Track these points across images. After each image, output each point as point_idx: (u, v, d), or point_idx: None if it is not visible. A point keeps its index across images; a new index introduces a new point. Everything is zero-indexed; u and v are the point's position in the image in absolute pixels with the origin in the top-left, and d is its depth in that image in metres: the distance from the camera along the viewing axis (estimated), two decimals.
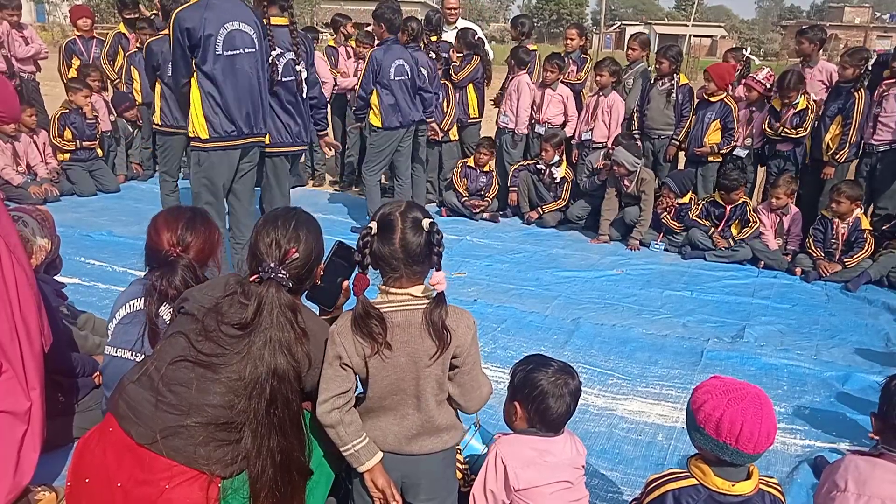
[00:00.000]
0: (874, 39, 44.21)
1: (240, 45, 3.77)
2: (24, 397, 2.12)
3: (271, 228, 1.91)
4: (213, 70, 3.71)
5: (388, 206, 1.84)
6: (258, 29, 3.87)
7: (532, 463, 1.97)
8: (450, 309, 1.84)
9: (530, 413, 2.03)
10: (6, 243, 2.11)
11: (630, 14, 72.95)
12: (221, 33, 3.68)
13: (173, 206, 2.42)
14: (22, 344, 2.11)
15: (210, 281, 2.04)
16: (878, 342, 4.09)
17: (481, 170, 6.54)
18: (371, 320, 1.77)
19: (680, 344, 3.94)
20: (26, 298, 2.14)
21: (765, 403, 1.73)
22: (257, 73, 3.89)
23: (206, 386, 1.78)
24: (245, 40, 3.79)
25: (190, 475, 1.75)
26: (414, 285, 1.83)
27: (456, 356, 1.85)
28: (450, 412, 1.94)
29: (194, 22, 3.62)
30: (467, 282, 4.83)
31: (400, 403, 1.86)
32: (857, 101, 5.22)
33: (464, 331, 1.84)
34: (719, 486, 1.76)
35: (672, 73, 6.02)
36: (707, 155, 5.87)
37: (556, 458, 2.00)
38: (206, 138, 3.81)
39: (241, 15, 3.78)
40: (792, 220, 5.46)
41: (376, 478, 1.86)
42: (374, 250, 1.79)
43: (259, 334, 1.81)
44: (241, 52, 3.77)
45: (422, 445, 1.89)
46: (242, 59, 3.79)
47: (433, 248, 1.79)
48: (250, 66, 3.84)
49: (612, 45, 34.61)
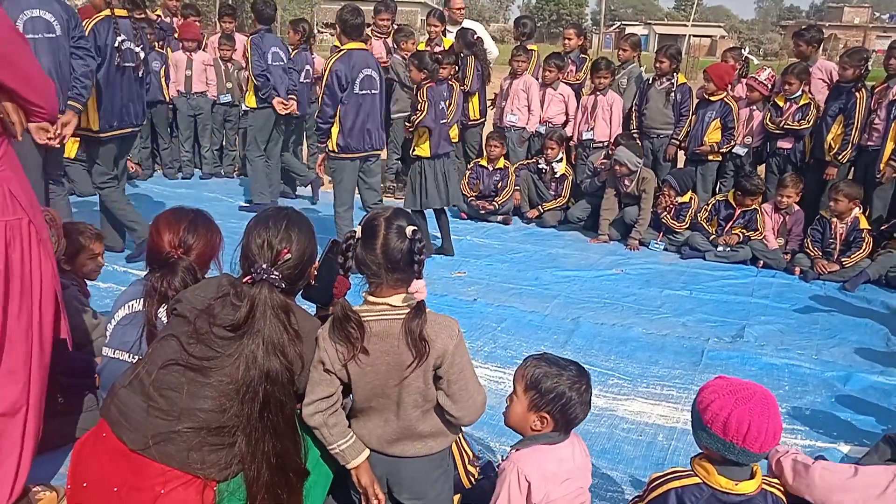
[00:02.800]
0: (873, 39, 44.18)
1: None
2: (24, 398, 2.11)
3: (262, 229, 1.89)
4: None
5: (374, 211, 1.84)
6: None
7: (555, 476, 1.91)
8: (432, 318, 1.81)
9: (558, 421, 1.94)
10: (39, 237, 2.12)
11: (629, 14, 72.94)
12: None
13: (176, 207, 2.40)
14: (34, 342, 2.11)
15: (202, 282, 2.02)
16: (878, 342, 4.08)
17: (494, 166, 6.35)
18: (349, 324, 1.76)
19: (680, 343, 3.94)
20: (48, 293, 2.14)
21: (771, 403, 1.73)
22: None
23: (197, 390, 1.77)
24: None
25: (185, 479, 1.74)
26: (394, 294, 1.81)
27: (438, 366, 1.81)
28: (435, 420, 1.91)
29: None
30: (467, 281, 4.82)
31: (384, 407, 1.86)
32: (858, 101, 5.21)
33: (444, 341, 1.79)
34: (723, 485, 1.75)
35: (672, 72, 6.02)
36: (707, 154, 5.86)
37: (572, 464, 1.97)
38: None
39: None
40: (795, 220, 5.45)
41: (361, 475, 1.89)
42: (357, 255, 1.79)
43: (252, 336, 1.79)
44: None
45: (403, 449, 1.89)
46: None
47: (415, 257, 1.77)
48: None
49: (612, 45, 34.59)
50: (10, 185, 2.03)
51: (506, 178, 6.38)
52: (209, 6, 23.07)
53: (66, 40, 3.95)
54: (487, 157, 6.43)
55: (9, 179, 2.03)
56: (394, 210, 1.84)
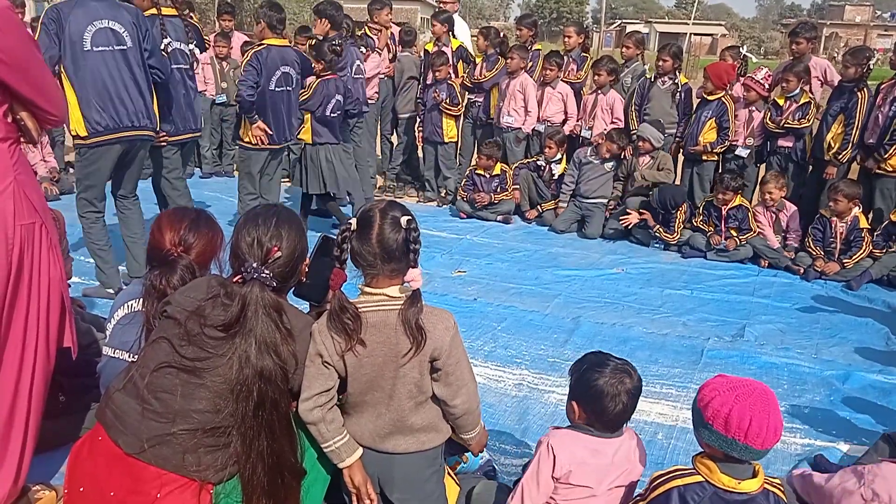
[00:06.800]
0: (875, 38, 44.18)
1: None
2: (25, 399, 2.12)
3: (252, 227, 1.88)
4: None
5: (369, 203, 1.85)
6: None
7: (584, 463, 1.96)
8: (428, 309, 1.83)
9: (587, 412, 2.00)
10: (50, 240, 2.13)
11: (630, 12, 72.82)
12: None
13: (179, 206, 2.41)
14: (39, 345, 2.12)
15: (191, 283, 2.00)
16: (878, 341, 4.08)
17: (490, 174, 6.34)
18: (346, 315, 1.77)
19: (680, 343, 3.94)
20: (56, 296, 2.16)
21: (771, 399, 1.73)
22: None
23: (191, 392, 1.76)
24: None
25: (181, 483, 1.73)
26: (390, 285, 1.82)
27: (435, 358, 1.83)
28: (429, 414, 1.92)
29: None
30: (467, 280, 4.82)
31: (378, 401, 1.87)
32: (859, 101, 5.19)
33: (441, 333, 1.81)
34: (725, 483, 1.76)
35: (674, 70, 6.01)
36: (701, 154, 5.86)
37: (608, 460, 1.98)
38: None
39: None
40: (789, 216, 5.44)
41: (354, 474, 1.89)
42: (353, 247, 1.79)
43: (244, 336, 1.78)
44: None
45: (395, 444, 1.90)
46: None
47: (410, 246, 1.78)
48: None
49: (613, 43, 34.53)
50: (26, 189, 2.05)
51: (504, 183, 6.39)
52: (208, 4, 23.04)
53: (137, 52, 3.82)
54: (481, 167, 6.38)
55: (24, 183, 2.06)
56: (388, 201, 1.85)
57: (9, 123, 2.03)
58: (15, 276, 2.02)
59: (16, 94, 2.01)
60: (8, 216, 1.99)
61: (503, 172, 6.39)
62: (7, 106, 2.02)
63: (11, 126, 2.04)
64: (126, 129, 3.84)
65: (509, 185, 6.39)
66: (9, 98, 2.01)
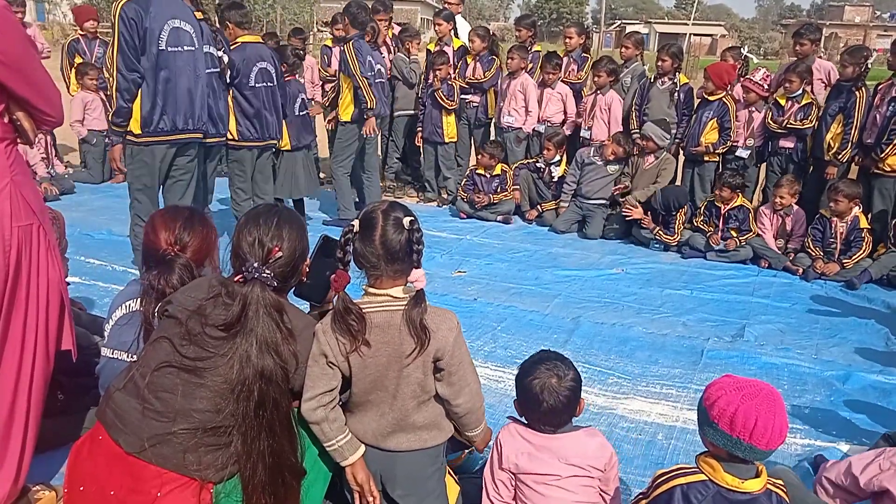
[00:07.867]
0: (874, 38, 44.19)
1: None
2: (24, 400, 2.12)
3: (253, 227, 1.88)
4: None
5: (370, 204, 1.85)
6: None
7: (530, 455, 2.01)
8: (432, 310, 1.83)
9: (523, 410, 2.06)
10: (48, 241, 2.13)
11: (630, 13, 72.86)
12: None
13: (171, 206, 2.40)
14: (38, 346, 2.12)
15: (193, 282, 2.00)
16: (878, 341, 4.08)
17: (491, 174, 6.34)
18: (350, 316, 1.77)
19: (680, 343, 3.94)
20: (54, 298, 2.16)
21: (778, 400, 1.74)
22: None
23: (191, 391, 1.76)
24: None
25: (181, 482, 1.73)
26: (394, 286, 1.83)
27: (439, 358, 1.84)
28: (431, 412, 1.93)
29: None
30: (467, 281, 4.82)
31: (381, 401, 1.88)
32: (858, 100, 5.20)
33: (445, 333, 1.83)
34: (728, 482, 1.76)
35: (674, 71, 6.01)
36: (702, 154, 5.85)
37: (554, 456, 2.00)
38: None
39: None
40: (795, 220, 5.42)
41: (357, 472, 1.90)
42: (356, 248, 1.80)
43: (245, 335, 1.78)
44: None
45: (398, 442, 1.91)
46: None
47: (413, 247, 1.78)
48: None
49: (613, 43, 34.56)
50: (22, 190, 2.05)
51: (504, 183, 6.37)
52: (208, 4, 23.02)
53: (202, 54, 3.80)
54: (481, 166, 6.37)
55: (22, 184, 2.06)
56: (390, 202, 1.86)
57: (5, 124, 2.03)
58: (13, 278, 2.02)
59: (12, 95, 2.00)
60: (5, 218, 1.99)
61: (503, 173, 6.38)
62: (3, 106, 2.01)
63: (8, 127, 2.04)
64: (183, 132, 3.85)
65: (509, 186, 6.38)
66: (5, 98, 2.01)
